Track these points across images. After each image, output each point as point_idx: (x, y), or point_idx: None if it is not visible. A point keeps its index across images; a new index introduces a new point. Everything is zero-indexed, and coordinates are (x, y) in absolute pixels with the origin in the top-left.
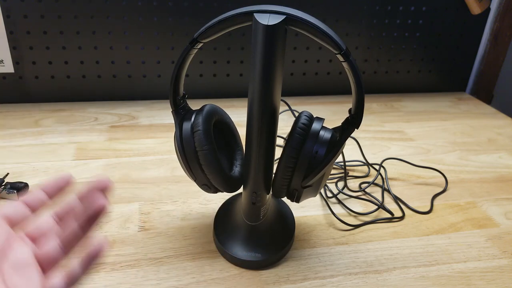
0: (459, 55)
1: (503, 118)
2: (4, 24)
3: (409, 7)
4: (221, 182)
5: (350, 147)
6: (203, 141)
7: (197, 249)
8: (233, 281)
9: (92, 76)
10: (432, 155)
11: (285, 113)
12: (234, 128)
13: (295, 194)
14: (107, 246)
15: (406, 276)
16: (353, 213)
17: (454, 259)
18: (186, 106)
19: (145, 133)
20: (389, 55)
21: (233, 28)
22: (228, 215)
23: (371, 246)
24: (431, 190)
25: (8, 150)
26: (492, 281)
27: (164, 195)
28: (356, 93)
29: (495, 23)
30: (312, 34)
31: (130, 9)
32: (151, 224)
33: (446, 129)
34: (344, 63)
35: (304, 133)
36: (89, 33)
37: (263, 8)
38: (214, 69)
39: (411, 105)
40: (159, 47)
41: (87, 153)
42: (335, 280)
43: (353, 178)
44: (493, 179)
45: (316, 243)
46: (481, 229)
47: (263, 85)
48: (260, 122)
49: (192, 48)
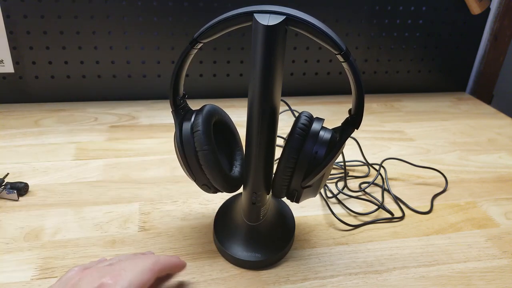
0: (459, 55)
1: (503, 118)
2: (4, 24)
3: (409, 7)
4: (221, 182)
5: (350, 147)
6: (203, 141)
7: (197, 249)
8: (233, 281)
9: (92, 76)
10: (432, 155)
11: (285, 113)
12: (234, 128)
13: (295, 194)
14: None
15: (406, 276)
16: (353, 213)
17: (454, 259)
18: (186, 106)
19: (145, 133)
20: (389, 55)
21: (233, 28)
22: (228, 215)
23: (371, 246)
24: (431, 190)
25: (8, 150)
26: (492, 281)
27: (164, 195)
28: (356, 93)
29: (495, 23)
30: (312, 34)
31: (130, 9)
32: (151, 224)
33: (446, 129)
34: (344, 63)
35: (304, 133)
36: (89, 33)
37: (263, 8)
38: (214, 69)
39: (411, 105)
40: (159, 47)
41: (87, 153)
42: (335, 280)
43: (353, 178)
44: (493, 179)
45: (316, 243)
46: (481, 229)
47: (263, 85)
48: (260, 122)
49: (192, 48)
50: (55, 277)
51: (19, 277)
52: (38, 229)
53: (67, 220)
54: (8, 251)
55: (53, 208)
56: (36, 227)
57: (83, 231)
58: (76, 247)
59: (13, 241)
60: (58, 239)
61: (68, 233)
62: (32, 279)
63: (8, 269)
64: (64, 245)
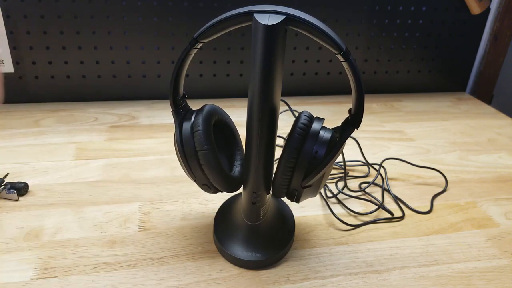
0: (459, 55)
1: (503, 118)
2: (4, 24)
3: (409, 7)
4: (221, 182)
5: (350, 147)
6: (203, 141)
7: (197, 249)
8: (233, 281)
9: (92, 76)
10: (432, 155)
11: (285, 113)
12: (234, 128)
13: (295, 194)
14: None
15: (406, 276)
16: (353, 213)
17: (454, 259)
18: (186, 106)
19: (145, 133)
20: (389, 55)
21: (233, 28)
22: (228, 215)
23: (371, 246)
24: (431, 190)
25: (8, 150)
26: (492, 281)
27: (164, 195)
28: (356, 93)
29: (495, 23)
30: (312, 34)
31: (130, 9)
32: (151, 224)
33: (446, 129)
34: (344, 63)
35: (304, 133)
36: (89, 33)
37: (263, 8)
38: (214, 69)
39: (411, 105)
40: (159, 47)
41: (87, 153)
42: (335, 280)
43: (353, 178)
44: (493, 179)
45: (316, 243)
46: (481, 229)
47: (263, 85)
48: (260, 122)
49: (192, 48)
50: (55, 277)
51: (19, 277)
52: (38, 229)
53: (67, 220)
54: (8, 251)
55: (53, 208)
56: (36, 227)
57: (83, 231)
58: (76, 247)
59: (13, 241)
60: (58, 239)
61: (68, 233)
62: (32, 279)
63: (8, 269)
64: (64, 245)
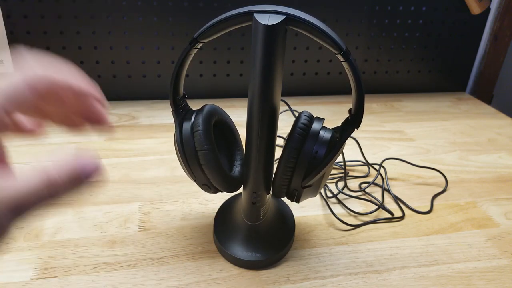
0: (459, 55)
1: (503, 118)
2: (4, 24)
3: (409, 7)
4: (221, 182)
5: (350, 147)
6: (203, 141)
7: (197, 249)
8: (233, 281)
9: (92, 76)
10: (432, 155)
11: (285, 113)
12: (234, 128)
13: (295, 194)
14: (98, 169)
15: (406, 276)
16: (353, 213)
17: (454, 259)
18: (186, 106)
19: (145, 133)
20: (389, 55)
21: (233, 28)
22: (228, 215)
23: (371, 246)
24: (431, 190)
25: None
26: (492, 281)
27: (164, 195)
28: (356, 93)
29: (495, 23)
30: (312, 34)
31: (130, 9)
32: (151, 224)
33: (446, 129)
34: (344, 63)
35: (304, 133)
36: (89, 33)
37: (263, 8)
38: (214, 69)
39: (411, 105)
40: (159, 47)
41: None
42: (335, 280)
43: (353, 178)
44: (493, 179)
45: (316, 243)
46: (481, 229)
47: (263, 85)
48: (260, 122)
49: (192, 48)
50: (55, 277)
51: (19, 277)
52: (38, 229)
53: (67, 220)
54: (8, 251)
55: (52, 208)
56: (36, 227)
57: (83, 231)
58: (76, 247)
59: (13, 241)
60: (58, 239)
61: (68, 233)
62: (32, 279)
63: (8, 269)
64: (64, 245)
